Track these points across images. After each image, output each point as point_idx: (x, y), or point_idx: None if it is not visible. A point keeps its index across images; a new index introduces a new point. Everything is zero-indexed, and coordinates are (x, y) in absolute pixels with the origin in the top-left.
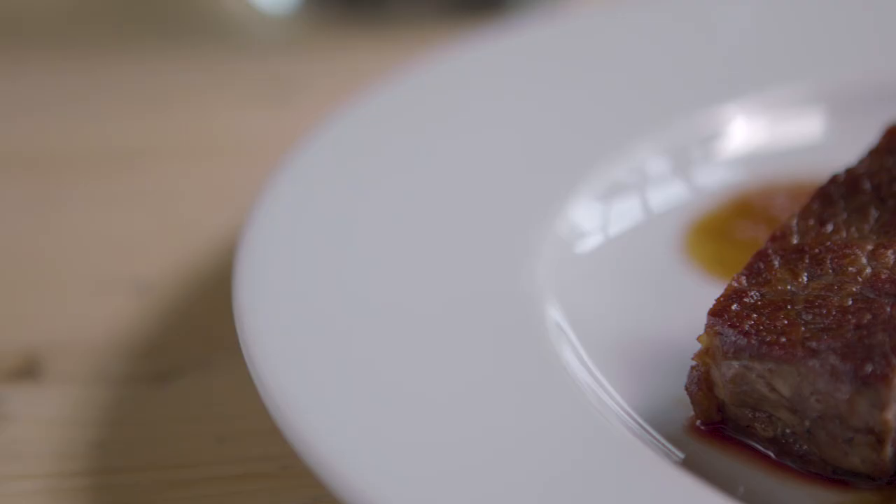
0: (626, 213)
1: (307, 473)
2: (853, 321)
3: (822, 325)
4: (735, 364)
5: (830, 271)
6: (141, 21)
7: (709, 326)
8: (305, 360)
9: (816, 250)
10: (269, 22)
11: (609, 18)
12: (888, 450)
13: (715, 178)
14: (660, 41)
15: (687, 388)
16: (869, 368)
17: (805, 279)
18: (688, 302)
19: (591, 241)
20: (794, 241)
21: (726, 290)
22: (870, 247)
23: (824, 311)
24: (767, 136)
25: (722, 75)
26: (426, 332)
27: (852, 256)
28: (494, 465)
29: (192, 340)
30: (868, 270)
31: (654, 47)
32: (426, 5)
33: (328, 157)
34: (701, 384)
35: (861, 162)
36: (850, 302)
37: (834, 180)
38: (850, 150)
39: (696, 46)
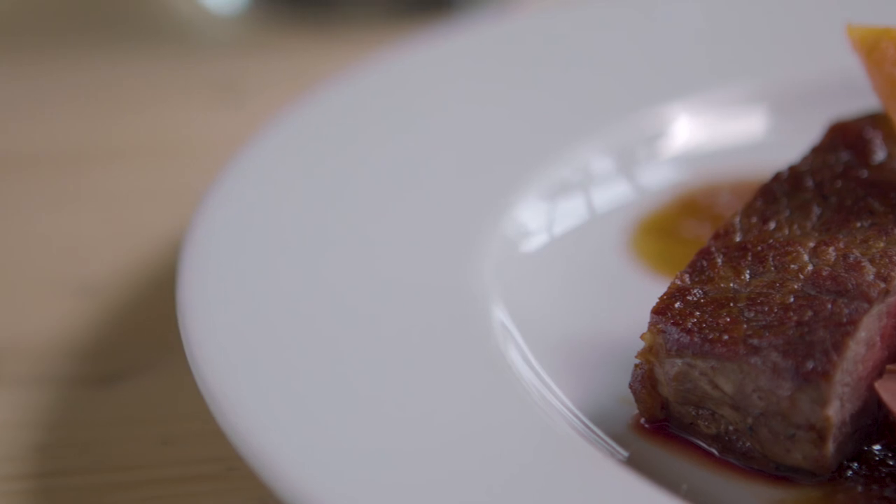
0: (571, 212)
1: (253, 475)
2: (795, 318)
3: (763, 323)
4: (678, 362)
5: (773, 269)
6: (89, 23)
7: (652, 324)
8: (249, 362)
9: (759, 248)
10: (218, 23)
11: (555, 19)
12: (830, 446)
13: (660, 177)
14: (604, 41)
15: (631, 387)
16: (810, 365)
17: (747, 277)
18: (633, 300)
19: (537, 241)
20: (737, 238)
21: (669, 288)
22: (812, 244)
23: (766, 309)
24: (712, 134)
25: (666, 75)
26: (371, 332)
27: (794, 254)
28: (439, 466)
29: (139, 342)
30: (810, 268)
31: (599, 47)
32: (376, 5)
33: (274, 158)
34: (645, 382)
35: (804, 160)
36: (792, 299)
37: (777, 178)
38: (794, 148)
39: (641, 46)
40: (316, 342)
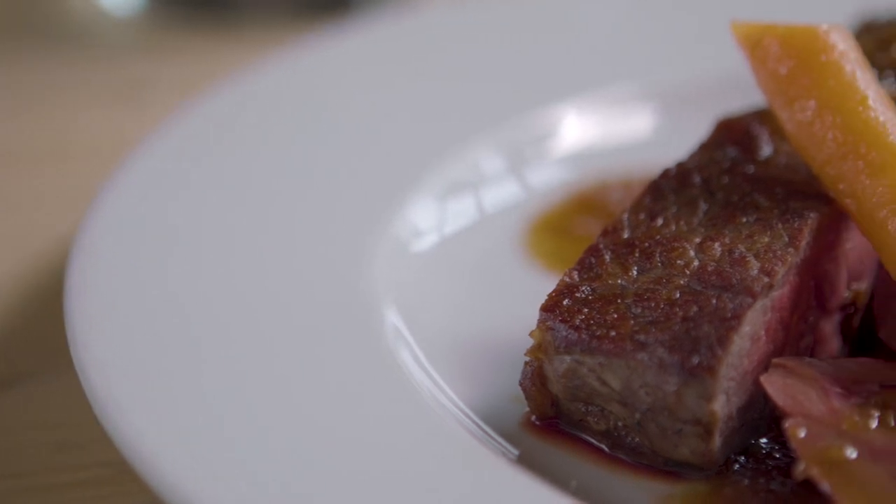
0: (463, 211)
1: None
2: (680, 314)
3: (650, 319)
4: (567, 359)
5: (659, 265)
6: None
7: (540, 322)
8: (135, 365)
9: (646, 244)
10: (117, 24)
11: (448, 20)
12: (716, 440)
13: (552, 176)
14: (495, 42)
15: (521, 384)
16: (695, 360)
17: (635, 273)
18: (526, 298)
19: (429, 240)
20: (625, 235)
21: (558, 285)
22: (698, 240)
23: (653, 305)
24: (603, 133)
25: (555, 74)
26: (261, 334)
27: (680, 250)
28: (328, 467)
29: (32, 347)
30: (695, 263)
31: (490, 48)
32: (274, 5)
33: (167, 159)
34: (534, 380)
35: (692, 156)
36: (678, 295)
37: (665, 175)
38: (684, 145)
39: (530, 46)
40: (204, 345)
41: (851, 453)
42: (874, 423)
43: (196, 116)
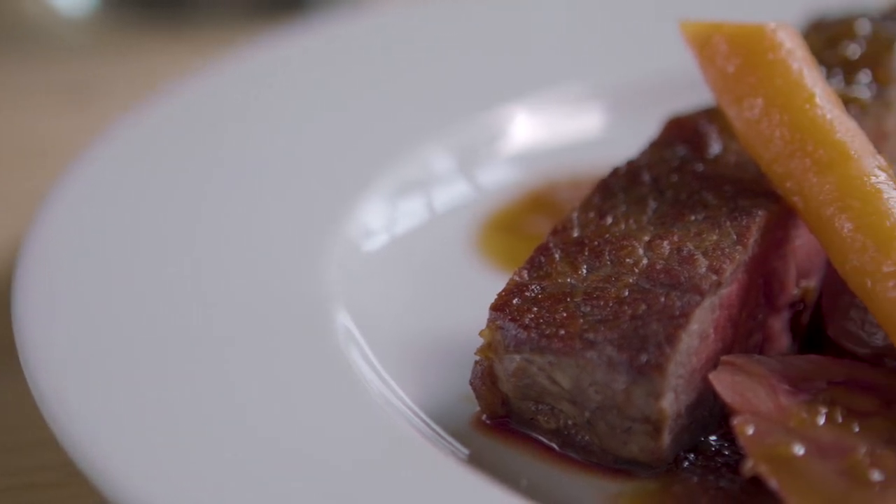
0: (415, 211)
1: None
2: (629, 312)
3: (599, 317)
4: (516, 358)
5: (609, 263)
6: None
7: (490, 321)
8: (85, 369)
9: (595, 243)
10: (69, 25)
11: (400, 21)
12: (665, 438)
13: (505, 175)
14: (446, 43)
15: (471, 383)
16: (644, 358)
17: (584, 272)
18: (478, 297)
19: (381, 240)
20: (575, 234)
21: (508, 284)
22: (647, 238)
23: (602, 303)
24: (554, 132)
25: (504, 75)
26: (211, 335)
27: (630, 248)
28: (277, 468)
29: None
30: (644, 261)
31: (441, 48)
32: (227, 6)
33: (117, 161)
34: (485, 379)
35: (641, 154)
36: (627, 293)
37: (615, 173)
38: (636, 143)
39: (481, 47)
40: (153, 347)
41: (799, 450)
42: (821, 420)
43: (147, 118)
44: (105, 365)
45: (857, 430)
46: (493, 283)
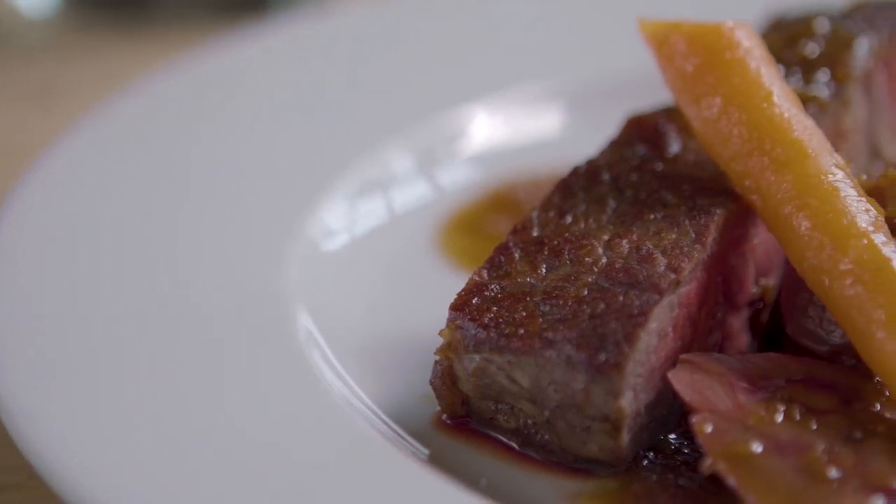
0: (376, 211)
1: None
2: (588, 311)
3: (558, 316)
4: (476, 357)
5: (568, 262)
6: None
7: (450, 321)
8: (42, 370)
9: (555, 242)
10: (32, 26)
11: (360, 22)
12: (624, 436)
13: (466, 175)
14: (408, 43)
15: (431, 383)
16: (602, 357)
17: (544, 271)
18: (438, 297)
19: (341, 240)
20: (535, 233)
21: (467, 284)
22: (606, 237)
23: (561, 302)
24: (515, 131)
25: (464, 75)
26: (171, 336)
27: (589, 247)
28: (238, 469)
29: None
30: (604, 260)
31: (403, 49)
32: (189, 6)
33: (77, 162)
34: (445, 379)
35: (601, 153)
36: (586, 292)
37: (575, 172)
38: (596, 142)
39: (441, 47)
40: (112, 348)
41: (757, 448)
42: (779, 418)
43: (107, 118)
44: (64, 365)
45: (814, 427)
46: (455, 283)
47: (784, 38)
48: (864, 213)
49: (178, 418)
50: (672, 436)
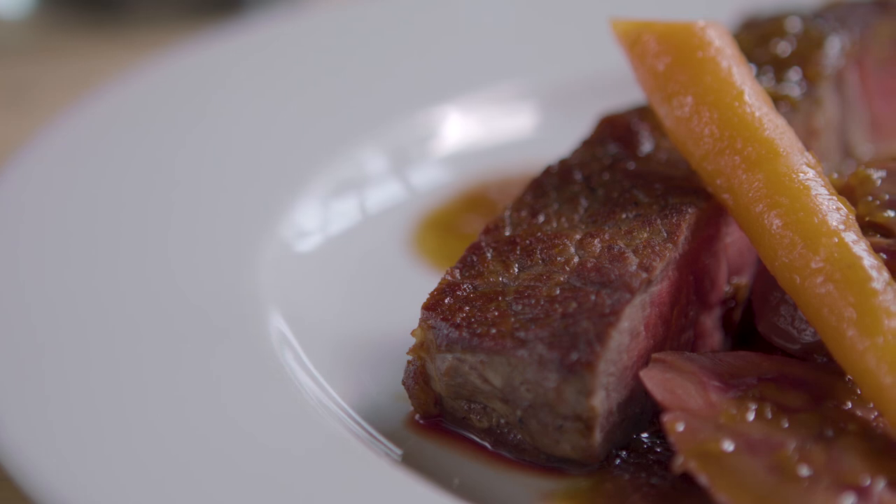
0: (349, 211)
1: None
2: (560, 310)
3: (530, 316)
4: (448, 357)
5: (540, 261)
6: None
7: (422, 320)
8: (12, 369)
9: (527, 241)
10: (4, 26)
11: (333, 22)
12: (597, 435)
13: (439, 175)
14: (381, 43)
15: (404, 383)
16: (574, 356)
17: (516, 270)
18: (412, 296)
19: (314, 241)
20: (507, 232)
21: (440, 283)
22: (578, 236)
23: (533, 302)
24: (488, 131)
25: (437, 75)
26: (143, 337)
27: (561, 246)
28: (210, 470)
29: None
30: (576, 260)
31: (376, 49)
32: (164, 7)
33: (50, 162)
34: (417, 378)
35: (574, 153)
36: (558, 291)
37: (547, 172)
38: (569, 142)
39: (413, 47)
40: (83, 348)
41: (728, 446)
42: (751, 416)
43: (81, 118)
44: (32, 364)
45: (786, 425)
46: (427, 283)
47: (756, 37)
48: (834, 211)
49: (148, 418)
50: (644, 434)
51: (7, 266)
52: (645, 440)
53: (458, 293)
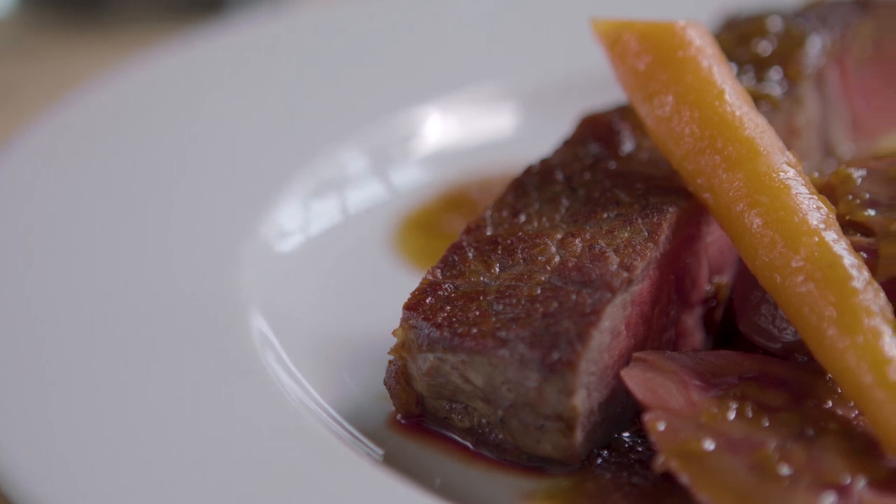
0: (330, 211)
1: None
2: (541, 310)
3: (511, 315)
4: (430, 357)
5: (521, 261)
6: None
7: (403, 320)
8: None
9: (509, 241)
10: None
11: (315, 22)
12: (578, 435)
13: (420, 174)
14: (362, 44)
15: (386, 383)
16: (555, 356)
17: (497, 270)
18: (393, 296)
19: (295, 241)
20: (488, 232)
21: (421, 283)
22: (559, 236)
23: (514, 301)
24: (469, 131)
25: (418, 75)
26: (124, 338)
27: (542, 246)
28: (190, 471)
29: None
30: (557, 259)
31: (357, 49)
32: (147, 7)
33: (31, 162)
34: (399, 378)
35: (556, 152)
36: (539, 291)
37: (528, 171)
38: (551, 141)
39: (395, 48)
40: (62, 348)
41: (709, 445)
42: (732, 415)
43: (62, 118)
44: (14, 366)
45: (767, 424)
46: (409, 283)
47: (736, 37)
48: (815, 210)
49: (128, 419)
50: (626, 434)
51: None
52: (626, 439)
53: (440, 293)
